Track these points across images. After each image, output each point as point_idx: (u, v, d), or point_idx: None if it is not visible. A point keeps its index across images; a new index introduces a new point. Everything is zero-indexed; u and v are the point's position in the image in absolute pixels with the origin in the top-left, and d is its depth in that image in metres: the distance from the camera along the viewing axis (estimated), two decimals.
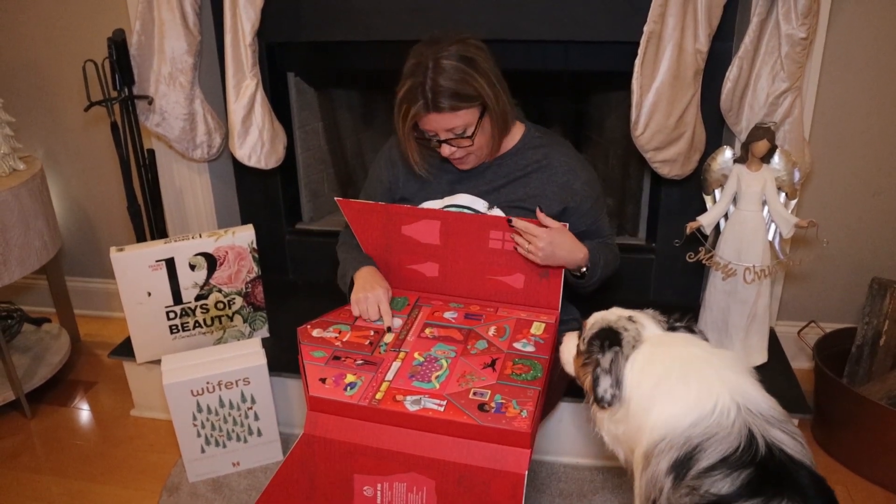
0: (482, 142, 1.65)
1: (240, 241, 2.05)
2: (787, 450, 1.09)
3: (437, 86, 1.53)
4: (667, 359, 1.23)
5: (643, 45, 1.80)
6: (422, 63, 1.55)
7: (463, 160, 1.70)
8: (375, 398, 1.42)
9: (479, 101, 1.58)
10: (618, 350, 1.26)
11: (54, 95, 2.51)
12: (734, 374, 1.18)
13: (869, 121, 2.06)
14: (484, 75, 1.56)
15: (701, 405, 1.13)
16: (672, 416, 1.14)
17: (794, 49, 1.80)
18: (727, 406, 1.12)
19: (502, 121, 1.64)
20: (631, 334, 1.28)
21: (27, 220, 2.14)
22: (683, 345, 1.26)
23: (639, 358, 1.24)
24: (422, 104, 1.56)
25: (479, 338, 1.60)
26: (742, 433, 1.09)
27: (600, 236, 1.79)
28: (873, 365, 2.03)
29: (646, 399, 1.20)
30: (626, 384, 1.23)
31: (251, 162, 2.17)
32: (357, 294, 1.71)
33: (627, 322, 1.31)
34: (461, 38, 1.58)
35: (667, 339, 1.29)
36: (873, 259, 2.22)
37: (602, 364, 1.25)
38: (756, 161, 1.83)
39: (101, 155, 2.55)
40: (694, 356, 1.23)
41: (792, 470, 1.07)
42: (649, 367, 1.22)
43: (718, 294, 1.94)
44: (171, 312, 2.05)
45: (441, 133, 1.61)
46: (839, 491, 1.84)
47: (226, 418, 1.91)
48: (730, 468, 1.06)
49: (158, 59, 2.12)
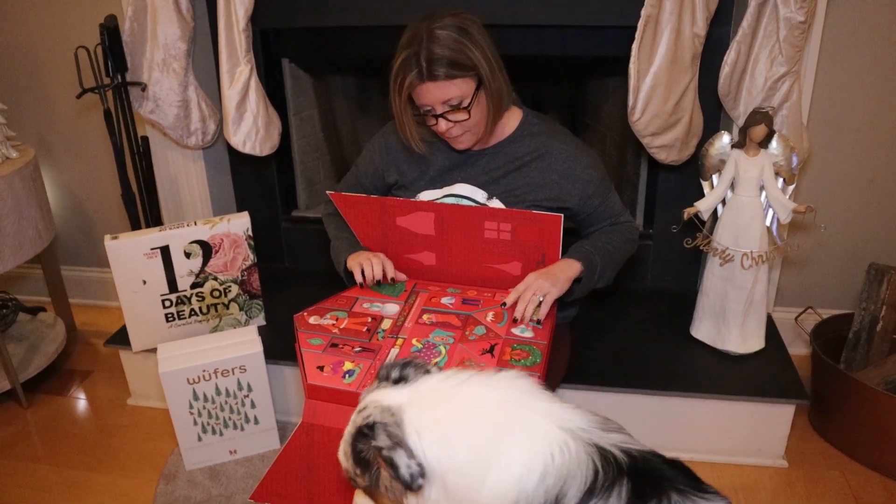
0: (478, 117, 1.63)
1: (235, 228, 2.04)
2: (634, 446, 1.03)
3: (431, 54, 1.52)
4: (462, 416, 1.04)
5: (640, 29, 1.78)
6: (417, 34, 1.54)
7: (459, 138, 1.67)
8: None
9: (473, 71, 1.56)
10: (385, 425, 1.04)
11: (46, 82, 2.48)
12: (539, 401, 1.07)
13: (867, 105, 2.05)
14: (479, 47, 1.55)
15: (540, 453, 1.00)
16: (514, 478, 1.00)
17: (793, 33, 1.79)
18: (563, 440, 1.01)
19: (497, 98, 1.62)
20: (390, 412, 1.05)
21: (21, 208, 2.13)
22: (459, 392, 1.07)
23: (423, 427, 1.02)
24: (416, 73, 1.54)
25: (478, 323, 1.60)
26: (592, 457, 0.99)
27: (611, 216, 1.76)
28: (870, 350, 2.04)
29: (469, 468, 1.01)
30: (427, 458, 1.01)
31: (246, 149, 2.16)
32: (359, 257, 1.72)
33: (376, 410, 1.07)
34: (456, 12, 1.57)
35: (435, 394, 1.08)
36: (871, 244, 2.22)
37: (382, 444, 1.02)
38: (754, 146, 1.82)
39: (95, 142, 2.54)
40: (489, 401, 1.06)
41: (652, 460, 1.03)
42: (447, 432, 1.02)
43: (716, 280, 1.93)
44: (166, 300, 2.04)
45: (437, 106, 1.59)
46: (836, 477, 1.87)
47: (222, 406, 1.91)
48: (605, 493, 0.97)
49: (151, 45, 2.10)
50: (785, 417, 1.86)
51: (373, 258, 1.72)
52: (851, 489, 1.84)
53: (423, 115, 1.63)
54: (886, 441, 1.85)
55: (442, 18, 1.55)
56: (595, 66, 2.42)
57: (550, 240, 1.64)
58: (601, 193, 1.72)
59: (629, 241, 1.78)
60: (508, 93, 1.67)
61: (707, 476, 1.87)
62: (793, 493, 1.82)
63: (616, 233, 1.75)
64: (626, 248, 1.76)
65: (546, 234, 1.63)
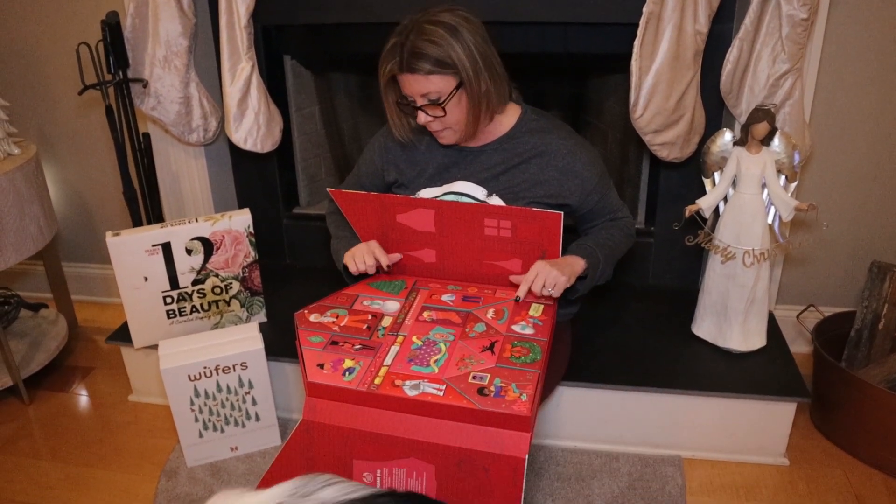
0: (457, 117, 1.63)
1: (236, 225, 2.04)
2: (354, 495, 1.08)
3: (414, 46, 1.53)
4: None
5: (642, 26, 1.78)
6: (408, 25, 1.57)
7: (440, 133, 1.68)
8: (374, 383, 1.41)
9: (454, 69, 1.56)
10: None
11: (48, 79, 2.48)
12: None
13: (870, 103, 2.04)
14: (465, 47, 1.54)
15: None
16: None
17: (795, 30, 1.78)
18: None
19: (481, 99, 1.61)
20: None
21: (22, 205, 2.13)
22: None
23: None
24: (396, 62, 1.57)
25: (478, 321, 1.59)
26: None
27: (610, 212, 1.77)
28: (872, 348, 2.03)
29: None
30: None
31: (247, 145, 2.16)
32: (353, 251, 1.74)
33: None
34: (453, 9, 1.58)
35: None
36: (873, 242, 2.21)
37: None
38: (756, 143, 1.82)
39: (97, 139, 2.54)
40: None
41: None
42: None
43: (717, 278, 1.93)
44: (167, 297, 2.04)
45: (417, 98, 1.61)
46: (837, 475, 1.87)
47: (223, 403, 1.91)
48: None
49: (153, 41, 2.10)
50: (786, 415, 1.85)
51: (364, 249, 1.73)
52: (853, 487, 1.84)
53: (406, 104, 1.64)
54: (888, 439, 1.85)
55: (437, 14, 1.56)
56: (597, 64, 2.42)
57: (551, 237, 1.64)
58: (600, 190, 1.73)
59: (627, 236, 1.79)
60: (501, 94, 1.66)
61: (708, 474, 1.88)
62: (794, 491, 1.82)
63: (615, 228, 1.76)
64: (624, 244, 1.78)
65: (546, 232, 1.63)
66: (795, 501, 1.79)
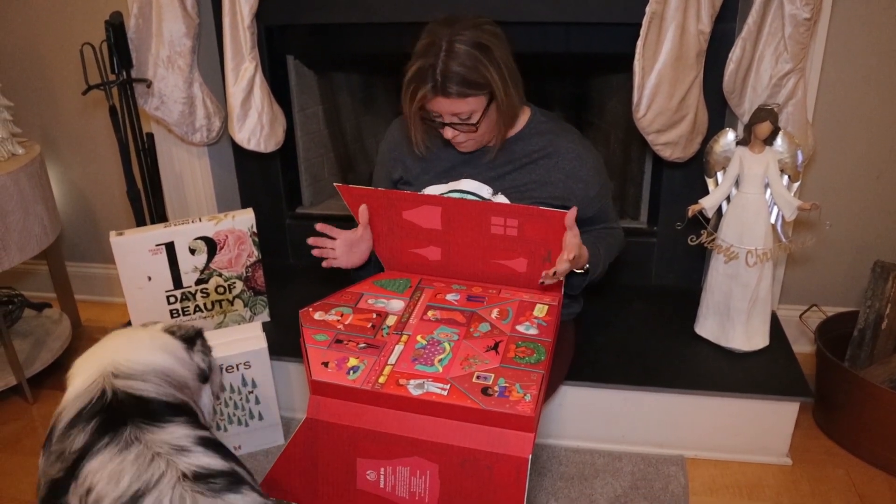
0: (486, 129, 1.64)
1: (240, 224, 2.04)
2: (135, 391, 1.27)
3: (447, 70, 1.51)
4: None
5: (645, 26, 1.78)
6: (435, 44, 1.53)
7: (463, 144, 1.69)
8: (378, 382, 1.42)
9: (487, 89, 1.56)
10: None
11: (52, 79, 2.49)
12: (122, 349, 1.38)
13: (873, 102, 2.04)
14: (496, 65, 1.54)
15: (83, 382, 1.30)
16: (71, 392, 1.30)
17: (798, 30, 1.78)
18: (91, 375, 1.30)
19: (510, 113, 1.64)
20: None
21: (26, 204, 2.13)
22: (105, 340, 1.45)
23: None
24: (430, 87, 1.54)
25: (482, 320, 1.60)
26: (95, 390, 1.27)
27: (605, 221, 1.79)
28: (875, 348, 2.03)
29: None
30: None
31: (250, 145, 2.16)
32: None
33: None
34: (478, 22, 1.56)
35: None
36: (876, 242, 2.21)
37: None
38: (759, 143, 1.82)
39: (100, 139, 2.54)
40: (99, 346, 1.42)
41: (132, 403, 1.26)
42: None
43: (720, 277, 1.93)
44: (171, 297, 2.05)
45: (446, 116, 1.60)
46: (840, 475, 1.87)
47: (227, 402, 1.91)
48: (84, 422, 1.22)
49: (157, 42, 2.10)
50: (789, 415, 1.85)
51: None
52: (856, 487, 1.84)
53: (433, 119, 1.63)
54: (891, 439, 1.85)
55: (462, 31, 1.53)
56: (599, 63, 2.42)
57: (556, 236, 1.64)
58: (601, 197, 1.75)
59: (619, 245, 1.83)
60: (520, 102, 1.67)
61: (711, 474, 1.88)
62: (797, 490, 1.82)
63: (610, 237, 1.79)
64: (615, 250, 1.81)
65: (552, 231, 1.63)
66: (798, 501, 1.79)
